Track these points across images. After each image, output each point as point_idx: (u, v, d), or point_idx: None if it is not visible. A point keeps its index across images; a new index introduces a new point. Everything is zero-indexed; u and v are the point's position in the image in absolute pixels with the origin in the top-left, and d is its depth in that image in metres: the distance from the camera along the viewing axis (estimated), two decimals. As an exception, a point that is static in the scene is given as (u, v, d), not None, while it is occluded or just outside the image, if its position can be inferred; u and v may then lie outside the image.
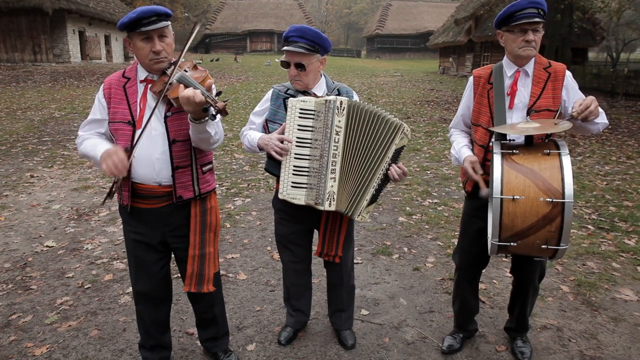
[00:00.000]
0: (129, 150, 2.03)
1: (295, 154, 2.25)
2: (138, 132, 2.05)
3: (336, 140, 2.23)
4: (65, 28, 24.17)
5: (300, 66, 2.29)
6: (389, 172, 2.30)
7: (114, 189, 2.09)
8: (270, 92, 2.45)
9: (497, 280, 3.60)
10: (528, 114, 2.24)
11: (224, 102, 1.90)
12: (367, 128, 2.24)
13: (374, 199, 2.34)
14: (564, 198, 1.95)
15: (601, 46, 30.35)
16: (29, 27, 23.09)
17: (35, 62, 23.43)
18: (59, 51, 24.43)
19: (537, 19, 2.15)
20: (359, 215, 2.31)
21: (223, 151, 8.09)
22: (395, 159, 2.30)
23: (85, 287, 3.48)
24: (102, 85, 2.15)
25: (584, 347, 2.78)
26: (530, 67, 2.29)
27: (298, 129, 2.24)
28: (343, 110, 2.20)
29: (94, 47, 27.76)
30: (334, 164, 2.24)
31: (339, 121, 2.21)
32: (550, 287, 3.48)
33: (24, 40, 23.28)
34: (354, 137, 2.25)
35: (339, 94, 2.40)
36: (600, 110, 2.13)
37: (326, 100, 2.20)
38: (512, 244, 2.08)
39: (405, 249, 4.18)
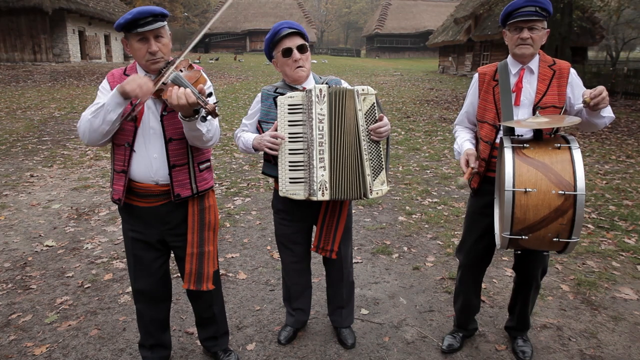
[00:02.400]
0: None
1: (289, 149, 2.25)
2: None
3: (320, 129, 2.20)
4: (65, 27, 24.17)
5: (303, 48, 2.32)
6: (371, 137, 2.26)
7: (135, 111, 2.05)
8: (259, 95, 2.46)
9: (497, 279, 3.60)
10: (534, 111, 2.26)
11: (214, 103, 1.91)
12: (343, 108, 2.22)
13: (378, 170, 2.29)
14: (576, 190, 1.96)
15: (601, 45, 30.31)
16: (28, 26, 23.10)
17: (35, 62, 23.43)
18: (59, 51, 24.43)
19: (533, 17, 2.17)
20: (372, 193, 2.27)
21: (222, 151, 8.10)
22: (371, 121, 2.27)
23: (85, 286, 3.48)
24: (106, 77, 2.16)
25: (584, 346, 2.78)
26: (534, 64, 2.30)
27: (289, 125, 2.24)
28: (324, 97, 2.18)
29: (94, 47, 27.76)
30: (321, 152, 2.21)
31: (321, 109, 2.19)
32: (550, 286, 3.48)
33: (24, 39, 23.28)
34: (339, 122, 2.22)
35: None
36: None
37: (306, 91, 2.21)
38: (523, 237, 2.08)
39: (405, 248, 4.18)
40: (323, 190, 2.22)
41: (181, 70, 2.05)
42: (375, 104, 2.28)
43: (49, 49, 23.67)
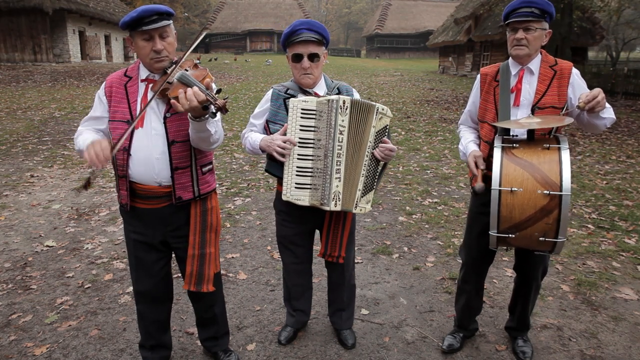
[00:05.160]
0: (113, 145, 1.99)
1: (298, 154, 2.23)
2: (138, 131, 2.05)
3: (340, 140, 2.20)
4: (65, 28, 24.16)
5: (314, 56, 2.28)
6: (374, 154, 2.28)
7: (90, 180, 2.04)
8: (269, 93, 2.43)
9: (497, 279, 3.60)
10: (533, 111, 2.26)
11: (224, 99, 1.89)
12: (361, 121, 2.23)
13: (368, 188, 2.31)
14: (561, 191, 1.98)
15: (601, 45, 30.29)
16: (29, 26, 23.09)
17: (36, 62, 23.43)
18: (59, 51, 24.42)
19: (529, 18, 2.18)
20: (356, 207, 2.28)
21: (223, 151, 8.10)
22: (379, 141, 2.28)
23: (85, 286, 3.48)
24: (104, 82, 2.15)
25: (584, 346, 2.78)
26: (535, 65, 2.31)
27: (300, 130, 2.22)
28: (346, 109, 2.18)
29: (94, 47, 27.75)
30: (338, 163, 2.21)
31: (343, 120, 2.18)
32: (550, 286, 3.48)
33: (24, 40, 23.28)
34: (356, 135, 2.24)
35: (339, 93, 2.39)
36: (608, 105, 2.14)
37: (329, 100, 2.18)
38: (510, 235, 2.10)
39: (406, 249, 4.18)
40: (336, 201, 2.23)
41: (186, 70, 2.04)
42: (387, 127, 2.30)
43: (49, 49, 23.66)
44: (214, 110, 1.87)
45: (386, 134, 2.32)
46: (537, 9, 2.19)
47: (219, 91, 1.94)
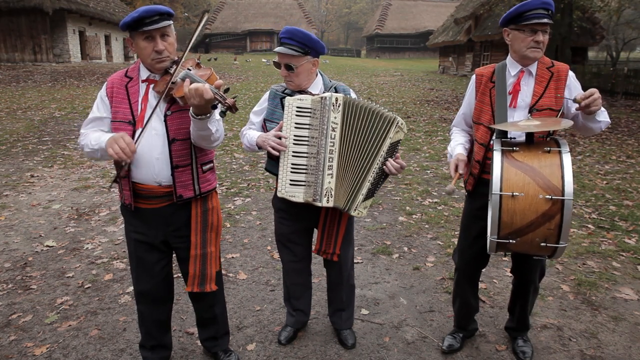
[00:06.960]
0: (135, 140, 2.01)
1: (293, 152, 2.26)
2: (138, 131, 2.05)
3: (332, 137, 2.23)
4: (65, 28, 24.17)
5: (289, 67, 2.31)
6: (385, 166, 2.30)
7: (121, 174, 2.04)
8: (268, 92, 2.48)
9: (497, 279, 3.60)
10: (530, 112, 2.25)
11: (233, 98, 1.89)
12: (362, 124, 2.25)
13: (370, 194, 2.33)
14: (563, 195, 1.94)
15: (601, 45, 30.28)
16: (29, 26, 23.09)
17: (36, 62, 23.43)
18: (59, 51, 24.42)
19: (546, 20, 2.15)
20: (355, 210, 2.30)
21: (223, 151, 8.10)
22: (391, 153, 2.30)
23: (85, 286, 3.48)
24: (105, 83, 2.15)
25: (584, 346, 2.78)
26: (533, 66, 2.29)
27: (295, 127, 2.25)
28: (339, 106, 2.21)
29: (94, 47, 27.76)
30: (330, 160, 2.24)
31: (335, 117, 2.22)
32: (550, 286, 3.48)
33: (24, 40, 23.28)
34: (350, 133, 2.26)
35: (336, 92, 2.40)
36: (602, 108, 2.13)
37: (322, 97, 2.21)
38: (510, 241, 2.07)
39: (406, 249, 4.18)
40: (328, 197, 2.26)
41: (189, 69, 2.04)
42: (399, 142, 2.32)
43: (50, 49, 23.66)
44: (224, 110, 1.87)
45: (397, 148, 2.33)
46: (551, 11, 2.17)
47: (226, 90, 1.94)
